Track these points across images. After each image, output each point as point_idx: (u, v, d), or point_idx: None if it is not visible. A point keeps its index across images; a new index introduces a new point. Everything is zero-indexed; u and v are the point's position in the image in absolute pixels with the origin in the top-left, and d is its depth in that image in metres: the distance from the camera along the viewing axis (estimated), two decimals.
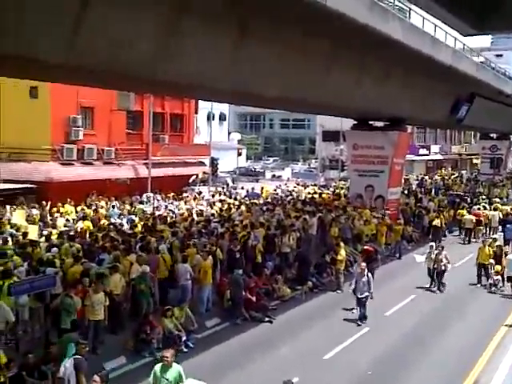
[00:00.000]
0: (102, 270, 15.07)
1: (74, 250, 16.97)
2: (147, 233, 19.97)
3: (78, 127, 30.52)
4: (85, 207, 26.79)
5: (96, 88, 23.32)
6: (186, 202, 31.06)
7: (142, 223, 22.97)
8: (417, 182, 45.92)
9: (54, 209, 25.83)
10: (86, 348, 10.06)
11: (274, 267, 18.90)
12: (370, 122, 29.29)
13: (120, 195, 30.11)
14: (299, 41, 16.83)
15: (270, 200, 32.99)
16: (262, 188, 40.14)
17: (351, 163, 30.23)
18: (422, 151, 57.94)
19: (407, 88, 25.10)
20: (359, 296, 16.04)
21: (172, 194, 32.57)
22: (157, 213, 26.43)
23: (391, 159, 28.11)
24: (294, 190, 38.30)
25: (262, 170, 64.49)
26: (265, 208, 28.01)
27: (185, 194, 34.47)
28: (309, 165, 73.29)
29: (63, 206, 26.22)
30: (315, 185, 43.52)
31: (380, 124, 29.32)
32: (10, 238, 18.97)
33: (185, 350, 13.58)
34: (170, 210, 27.79)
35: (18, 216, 23.25)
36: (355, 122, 30.03)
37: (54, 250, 17.08)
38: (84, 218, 23.90)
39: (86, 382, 9.73)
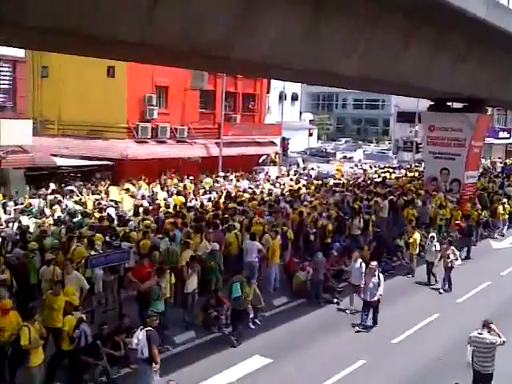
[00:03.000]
0: (173, 246, 15.43)
1: (144, 225, 17.50)
2: (217, 210, 20.29)
3: (153, 106, 31.11)
4: (179, 184, 27.84)
5: (170, 67, 23.62)
6: (256, 181, 31.26)
7: (213, 201, 23.39)
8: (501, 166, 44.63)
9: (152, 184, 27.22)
10: (156, 320, 10.31)
11: (343, 249, 18.74)
12: (448, 104, 28.35)
13: (191, 173, 30.65)
14: (375, 17, 16.39)
15: (342, 181, 32.69)
16: (337, 168, 39.94)
17: (427, 145, 29.40)
18: (502, 134, 55.67)
19: (487, 67, 24.05)
20: (368, 299, 14.24)
21: (242, 173, 32.85)
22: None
23: (469, 142, 27.12)
24: (366, 171, 37.80)
25: (333, 151, 63.80)
26: (336, 189, 27.79)
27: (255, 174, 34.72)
28: (383, 147, 71.97)
29: (137, 183, 27.06)
30: (388, 167, 42.73)
31: (458, 105, 28.32)
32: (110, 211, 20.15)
33: (252, 326, 13.76)
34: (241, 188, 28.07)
35: (114, 191, 24.67)
36: (432, 103, 29.14)
37: (131, 224, 17.66)
38: (178, 193, 24.99)
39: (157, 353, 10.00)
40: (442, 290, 17.29)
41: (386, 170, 39.14)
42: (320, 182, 31.06)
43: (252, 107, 39.73)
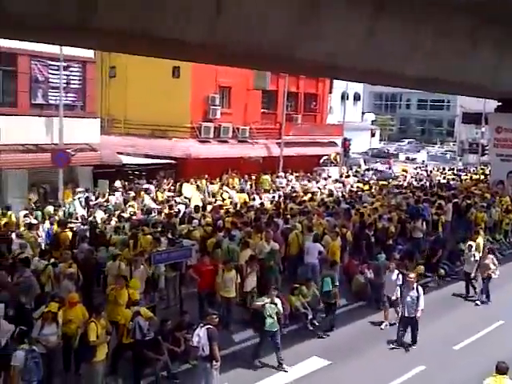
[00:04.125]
0: (233, 245, 15.61)
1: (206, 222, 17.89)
2: (277, 210, 20.40)
3: (216, 106, 31.49)
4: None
5: (234, 67, 23.86)
6: (316, 182, 31.17)
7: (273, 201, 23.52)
8: None
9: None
10: (216, 318, 10.46)
11: (404, 252, 18.43)
12: None
13: (252, 173, 30.89)
14: (438, 16, 16.06)
15: (405, 183, 32.20)
16: (404, 169, 39.42)
17: (493, 147, 28.61)
18: None
19: None
20: (406, 315, 13.00)
21: (302, 173, 32.82)
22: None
23: None
24: (430, 173, 37.06)
25: (395, 152, 62.77)
26: (397, 191, 27.39)
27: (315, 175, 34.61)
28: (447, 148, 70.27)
29: (200, 182, 27.55)
30: (453, 169, 41.73)
31: None
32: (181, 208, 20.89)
33: (310, 328, 13.75)
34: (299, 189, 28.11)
35: (187, 188, 25.61)
36: (499, 104, 28.30)
37: (195, 222, 18.00)
38: (241, 191, 25.96)
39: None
40: (478, 302, 16.24)
41: (451, 172, 38.25)
42: (382, 183, 30.68)
43: (314, 107, 39.59)
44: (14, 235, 16.28)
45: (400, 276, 14.12)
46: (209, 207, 21.53)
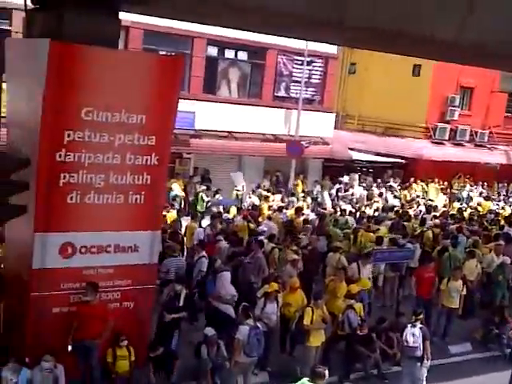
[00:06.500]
0: (456, 252, 14.95)
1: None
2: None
3: (455, 107, 30.19)
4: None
5: (479, 67, 22.60)
6: None
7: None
8: None
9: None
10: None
11: None
12: None
13: (486, 180, 29.12)
14: None
15: None
16: None
17: None
18: None
19: None
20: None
21: None
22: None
23: None
24: None
25: None
26: None
27: None
28: None
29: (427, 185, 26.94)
30: None
31: None
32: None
33: None
34: None
35: (432, 191, 26.03)
36: None
37: (429, 223, 17.93)
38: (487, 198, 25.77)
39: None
40: None
41: None
42: None
43: None
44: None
45: None
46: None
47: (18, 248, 9.75)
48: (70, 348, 9.14)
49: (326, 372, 7.91)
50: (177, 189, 20.41)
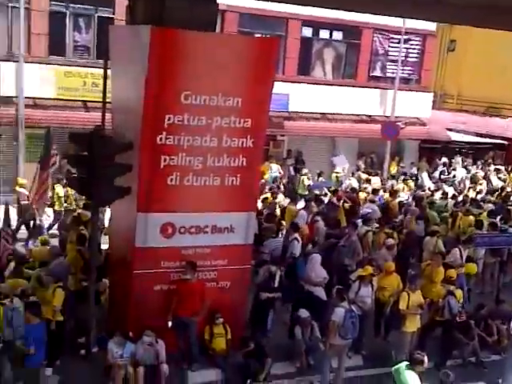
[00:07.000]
0: None
1: None
2: None
3: None
4: None
5: None
6: None
7: None
8: None
9: None
10: None
11: None
12: None
13: None
14: None
15: None
16: None
17: None
18: None
19: None
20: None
21: None
22: None
23: None
24: None
25: None
26: None
27: None
28: None
29: None
30: None
31: None
32: None
33: None
34: None
35: None
36: None
37: None
38: None
39: None
40: None
41: None
42: None
43: None
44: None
45: None
46: None
47: (122, 227, 10.23)
48: (169, 324, 9.53)
49: (425, 358, 7.80)
50: (276, 170, 20.68)
